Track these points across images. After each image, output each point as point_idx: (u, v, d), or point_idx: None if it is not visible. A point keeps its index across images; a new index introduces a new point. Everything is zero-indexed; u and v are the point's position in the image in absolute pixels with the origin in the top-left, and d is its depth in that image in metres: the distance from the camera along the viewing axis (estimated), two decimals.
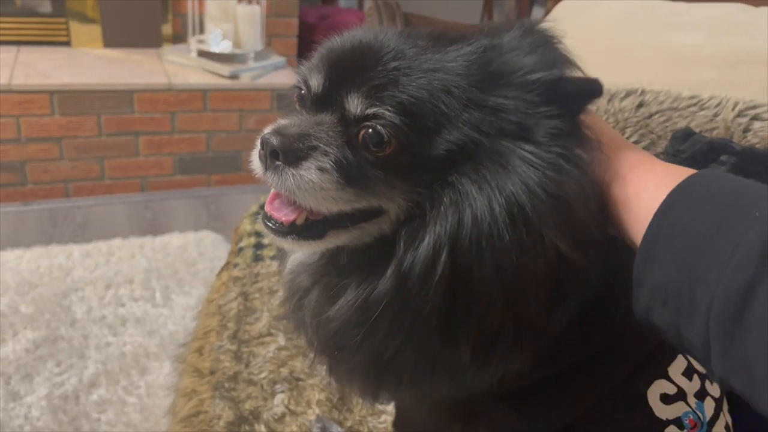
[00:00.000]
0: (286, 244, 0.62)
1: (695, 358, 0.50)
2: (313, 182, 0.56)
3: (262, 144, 0.57)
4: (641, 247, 0.51)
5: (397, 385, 0.65)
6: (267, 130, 0.58)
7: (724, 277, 0.43)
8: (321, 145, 0.56)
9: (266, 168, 0.58)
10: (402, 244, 0.56)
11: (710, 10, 1.28)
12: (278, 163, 0.56)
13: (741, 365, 0.43)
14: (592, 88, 0.56)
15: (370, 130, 0.55)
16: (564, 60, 0.59)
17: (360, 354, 0.60)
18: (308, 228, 0.60)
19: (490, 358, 0.57)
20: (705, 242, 0.46)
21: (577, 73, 0.59)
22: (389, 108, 0.54)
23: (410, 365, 0.59)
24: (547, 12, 1.75)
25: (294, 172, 0.56)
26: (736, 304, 0.42)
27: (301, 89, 0.62)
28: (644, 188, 0.54)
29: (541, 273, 0.53)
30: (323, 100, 0.59)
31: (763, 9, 1.23)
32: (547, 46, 0.59)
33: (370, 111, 0.55)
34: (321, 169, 0.56)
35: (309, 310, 0.66)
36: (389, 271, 0.56)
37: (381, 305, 0.56)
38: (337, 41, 0.62)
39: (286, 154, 0.56)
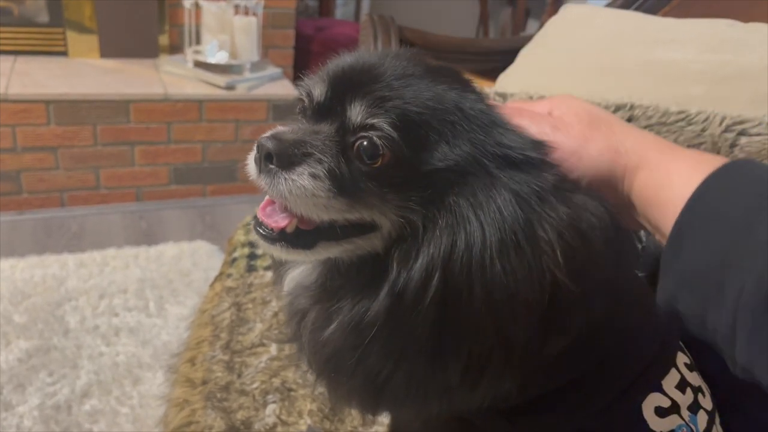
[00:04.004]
0: (275, 251, 0.62)
1: (718, 346, 0.48)
2: (304, 188, 0.56)
3: (257, 147, 0.58)
4: (672, 231, 0.50)
5: (394, 404, 0.65)
6: (265, 134, 0.59)
7: (757, 263, 0.42)
8: (315, 152, 0.56)
9: (260, 171, 0.58)
10: (395, 264, 0.56)
11: (699, 25, 1.29)
12: (272, 166, 0.57)
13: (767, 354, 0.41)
14: None
15: (365, 142, 0.55)
16: None
17: (355, 377, 0.60)
18: (298, 237, 0.60)
19: (480, 381, 0.57)
20: (740, 228, 0.44)
21: None
22: (389, 119, 0.54)
23: (403, 386, 0.59)
24: (542, 25, 1.77)
25: (286, 176, 0.56)
26: None
27: (304, 101, 0.63)
28: (676, 173, 0.54)
29: (534, 300, 0.53)
30: (324, 110, 0.60)
31: (751, 25, 1.25)
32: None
33: (369, 121, 0.55)
34: (313, 176, 0.56)
35: (306, 334, 0.66)
36: (382, 292, 0.56)
37: (374, 328, 0.56)
38: (342, 58, 0.63)
39: (279, 158, 0.56)
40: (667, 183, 0.54)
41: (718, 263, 0.45)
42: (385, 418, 0.95)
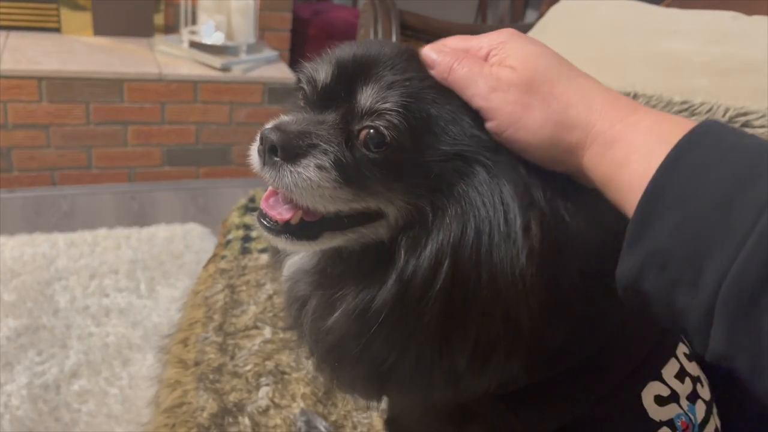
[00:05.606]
0: (280, 243, 0.61)
1: (684, 331, 0.45)
2: (311, 180, 0.55)
3: (261, 139, 0.56)
4: (639, 206, 0.45)
5: (398, 391, 0.65)
6: (268, 125, 0.57)
7: (743, 251, 0.39)
8: (321, 143, 0.55)
9: (264, 163, 0.57)
10: (403, 251, 0.55)
11: (703, 17, 1.29)
12: (276, 159, 0.56)
13: (750, 347, 0.39)
14: None
15: (372, 131, 0.54)
16: None
17: (360, 365, 0.60)
18: (303, 228, 0.59)
19: (486, 366, 0.57)
20: (719, 209, 0.41)
21: None
22: (397, 107, 0.54)
23: (408, 374, 0.59)
24: (541, 14, 1.76)
25: (292, 169, 0.55)
26: (756, 282, 0.38)
27: (305, 89, 0.62)
28: (634, 149, 0.48)
29: (539, 286, 0.53)
30: (329, 94, 0.59)
31: (755, 17, 1.24)
32: None
33: (379, 105, 0.54)
34: (319, 168, 0.55)
35: (308, 321, 0.65)
36: (391, 280, 0.55)
37: (381, 315, 0.56)
38: (346, 46, 0.61)
39: (284, 150, 0.55)
40: (625, 161, 0.48)
41: (695, 247, 0.41)
42: (380, 404, 0.95)
